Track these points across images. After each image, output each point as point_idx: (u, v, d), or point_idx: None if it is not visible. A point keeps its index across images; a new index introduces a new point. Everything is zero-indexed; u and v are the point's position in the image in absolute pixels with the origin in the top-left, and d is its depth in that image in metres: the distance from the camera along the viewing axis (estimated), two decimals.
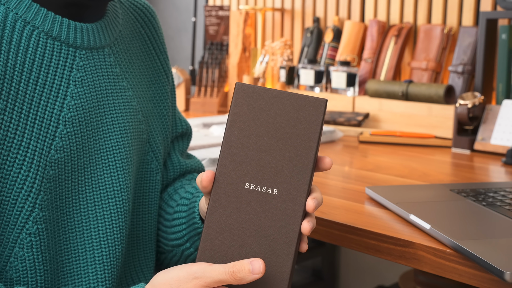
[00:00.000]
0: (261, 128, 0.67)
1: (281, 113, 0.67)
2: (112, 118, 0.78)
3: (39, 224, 0.71)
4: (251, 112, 0.68)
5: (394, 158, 1.36)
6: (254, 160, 0.67)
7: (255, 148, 0.67)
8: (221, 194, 0.66)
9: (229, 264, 0.62)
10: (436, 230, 0.80)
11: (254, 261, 0.62)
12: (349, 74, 1.79)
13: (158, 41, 0.91)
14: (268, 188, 0.66)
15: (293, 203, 0.65)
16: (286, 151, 0.67)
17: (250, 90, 0.68)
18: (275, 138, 0.67)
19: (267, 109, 0.68)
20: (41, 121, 0.71)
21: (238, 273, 0.61)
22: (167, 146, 0.91)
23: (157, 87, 0.89)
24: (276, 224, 0.65)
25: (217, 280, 0.61)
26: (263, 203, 0.66)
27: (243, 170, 0.66)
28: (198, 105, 2.08)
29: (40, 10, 0.72)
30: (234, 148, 0.67)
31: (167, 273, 0.64)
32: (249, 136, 0.67)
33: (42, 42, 0.72)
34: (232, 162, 0.67)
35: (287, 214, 0.65)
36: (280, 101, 0.68)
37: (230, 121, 0.68)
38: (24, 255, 0.71)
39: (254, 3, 2.23)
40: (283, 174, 0.66)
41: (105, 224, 0.77)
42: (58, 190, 0.73)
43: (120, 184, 0.78)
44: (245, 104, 0.68)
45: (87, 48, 0.76)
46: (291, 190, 0.66)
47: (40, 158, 0.70)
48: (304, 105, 0.67)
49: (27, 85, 0.70)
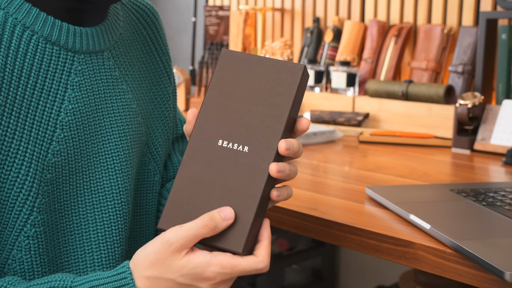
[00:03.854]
0: (240, 90, 0.70)
1: (260, 77, 0.71)
2: (111, 121, 0.78)
3: (37, 227, 0.71)
4: (232, 75, 0.71)
5: (394, 158, 1.36)
6: (229, 120, 0.69)
7: (232, 108, 0.70)
8: (195, 149, 0.69)
9: (199, 218, 0.64)
10: (436, 230, 0.80)
11: (223, 209, 0.65)
12: (349, 74, 1.79)
13: (160, 42, 0.91)
14: (239, 146, 0.68)
15: (261, 161, 0.67)
16: (261, 112, 0.69)
17: (234, 56, 0.72)
18: (252, 100, 0.70)
19: (248, 73, 0.71)
20: (39, 125, 0.71)
21: (211, 222, 0.64)
22: (168, 147, 0.91)
23: (159, 89, 0.89)
24: (242, 179, 0.67)
25: (192, 236, 0.64)
26: (233, 160, 0.68)
27: (218, 128, 0.69)
28: (198, 105, 2.08)
29: (40, 14, 0.72)
30: (212, 108, 0.70)
31: (144, 250, 0.66)
32: (228, 97, 0.70)
33: (41, 46, 0.72)
34: (208, 120, 0.70)
35: (254, 170, 0.67)
36: (261, 65, 0.71)
37: (212, 83, 0.71)
38: (22, 258, 0.71)
39: (254, 3, 2.23)
40: (256, 133, 0.68)
41: (104, 227, 0.77)
42: (56, 193, 0.73)
43: (119, 187, 0.78)
44: (227, 68, 0.72)
45: (85, 52, 0.76)
46: (261, 148, 0.68)
47: (38, 162, 0.71)
48: (283, 69, 0.70)
49: (25, 90, 0.70)
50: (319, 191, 1.06)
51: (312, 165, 1.30)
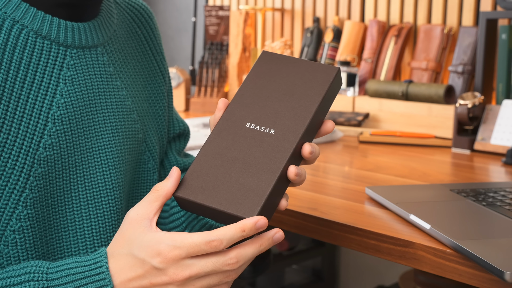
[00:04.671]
0: (274, 83, 0.74)
1: (294, 74, 0.74)
2: (104, 117, 0.78)
3: (23, 221, 0.70)
4: (268, 71, 0.75)
5: (394, 158, 1.36)
6: (260, 106, 0.72)
7: (264, 97, 0.73)
8: (222, 129, 0.71)
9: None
10: (436, 230, 0.80)
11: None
12: (349, 74, 1.79)
13: (155, 41, 0.91)
14: (266, 128, 0.70)
15: (286, 142, 0.69)
16: (291, 102, 0.71)
17: (272, 56, 0.76)
18: (284, 91, 0.73)
19: (284, 70, 0.74)
20: (29, 119, 0.71)
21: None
22: (163, 146, 0.91)
23: (153, 88, 0.89)
24: (265, 156, 0.68)
25: (148, 205, 0.67)
26: (258, 139, 0.69)
27: (247, 112, 0.72)
28: (198, 105, 2.08)
29: (30, 9, 0.72)
30: (245, 96, 0.73)
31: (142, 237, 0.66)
32: (261, 88, 0.74)
33: (31, 41, 0.72)
34: (239, 105, 0.73)
35: (277, 150, 0.68)
36: (297, 65, 0.75)
37: (248, 77, 0.75)
38: (9, 253, 0.70)
39: (254, 3, 2.23)
40: (284, 119, 0.70)
41: (98, 223, 0.77)
42: (49, 188, 0.73)
43: (112, 183, 0.78)
44: (264, 65, 0.75)
45: (78, 47, 0.75)
46: (287, 131, 0.69)
47: (27, 156, 0.70)
48: (317, 69, 0.74)
49: (13, 84, 0.70)
50: (319, 191, 1.06)
51: (312, 165, 1.30)
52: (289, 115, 0.70)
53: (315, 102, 0.71)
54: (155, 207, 0.67)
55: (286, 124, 0.70)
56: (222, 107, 0.73)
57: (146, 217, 0.67)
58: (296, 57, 0.76)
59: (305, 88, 0.72)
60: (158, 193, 0.68)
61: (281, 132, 0.69)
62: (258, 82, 0.74)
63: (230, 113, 0.72)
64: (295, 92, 0.72)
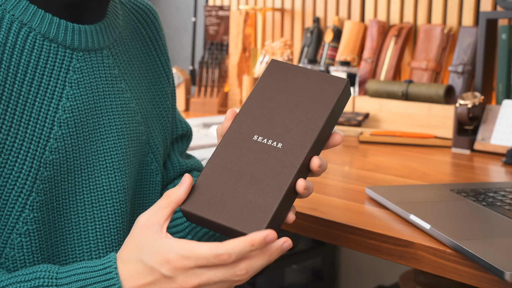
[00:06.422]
0: (282, 94, 0.73)
1: (303, 85, 0.73)
2: (109, 120, 0.78)
3: (30, 225, 0.70)
4: (277, 81, 0.74)
5: (394, 158, 1.36)
6: (268, 118, 0.71)
7: (272, 109, 0.72)
8: (230, 141, 0.71)
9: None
10: (436, 230, 0.80)
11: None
12: (349, 74, 1.79)
13: (160, 42, 0.91)
14: (274, 142, 0.69)
15: (293, 156, 0.68)
16: (300, 115, 0.71)
17: (280, 65, 0.75)
18: (293, 104, 0.72)
19: (292, 80, 0.74)
20: (35, 122, 0.71)
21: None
22: (166, 147, 0.91)
23: (157, 89, 0.89)
24: (272, 172, 0.68)
25: (158, 210, 0.67)
26: (265, 153, 0.69)
27: (255, 124, 0.71)
28: (198, 105, 2.08)
29: (38, 12, 0.72)
30: (253, 108, 0.73)
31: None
32: (270, 99, 0.73)
33: (38, 43, 0.71)
34: (247, 117, 0.72)
35: (284, 165, 0.68)
36: (306, 76, 0.74)
37: (256, 87, 0.75)
38: (15, 256, 0.70)
39: (254, 3, 2.23)
40: (291, 132, 0.70)
41: (102, 226, 0.76)
42: (54, 191, 0.73)
43: (117, 186, 0.78)
44: (273, 75, 0.75)
45: (84, 50, 0.75)
46: (294, 146, 0.69)
47: (33, 160, 0.70)
48: (326, 80, 0.73)
49: (21, 87, 0.70)
50: (319, 191, 1.06)
51: None
52: (297, 128, 0.70)
53: (323, 116, 0.70)
54: (166, 213, 0.67)
55: (293, 138, 0.69)
56: (230, 118, 0.73)
57: (157, 223, 0.66)
58: (305, 67, 0.75)
59: (313, 101, 0.71)
60: (170, 200, 0.68)
61: (289, 147, 0.69)
62: (266, 92, 0.73)
63: (238, 125, 0.72)
64: (303, 104, 0.71)
